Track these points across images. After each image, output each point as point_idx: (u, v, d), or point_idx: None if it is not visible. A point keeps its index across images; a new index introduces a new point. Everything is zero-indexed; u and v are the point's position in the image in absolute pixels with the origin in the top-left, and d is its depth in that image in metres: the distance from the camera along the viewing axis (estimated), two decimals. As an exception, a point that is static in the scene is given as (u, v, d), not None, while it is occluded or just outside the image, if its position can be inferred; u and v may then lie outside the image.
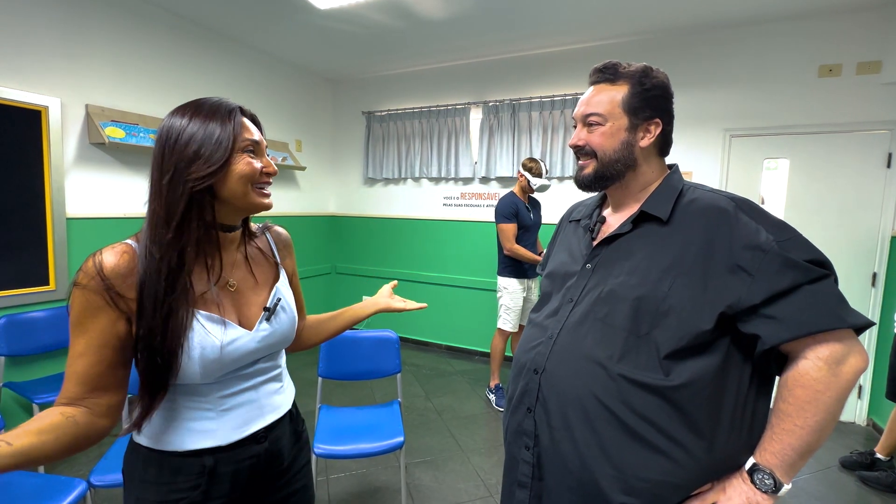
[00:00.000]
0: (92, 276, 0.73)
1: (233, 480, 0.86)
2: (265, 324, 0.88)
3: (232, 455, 0.85)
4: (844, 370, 0.70)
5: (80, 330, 0.74)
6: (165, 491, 0.82)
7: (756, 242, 0.74)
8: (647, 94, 0.87)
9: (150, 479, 0.82)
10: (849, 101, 2.90)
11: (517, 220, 3.09)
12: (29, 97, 2.43)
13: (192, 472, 0.82)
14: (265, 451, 0.90)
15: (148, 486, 0.82)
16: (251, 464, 0.88)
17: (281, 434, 0.94)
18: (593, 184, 0.91)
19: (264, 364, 0.92)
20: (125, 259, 0.76)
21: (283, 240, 1.04)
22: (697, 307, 0.75)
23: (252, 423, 0.88)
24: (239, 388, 0.87)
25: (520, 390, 0.91)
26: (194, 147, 0.77)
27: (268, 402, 0.92)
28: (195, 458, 0.83)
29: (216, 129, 0.79)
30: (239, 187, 0.81)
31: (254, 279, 0.92)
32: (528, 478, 0.87)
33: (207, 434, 0.83)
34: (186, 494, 0.82)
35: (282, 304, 0.92)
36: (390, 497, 2.19)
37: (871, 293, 2.93)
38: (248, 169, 0.81)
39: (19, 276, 2.47)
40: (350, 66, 4.29)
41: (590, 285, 0.87)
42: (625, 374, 0.77)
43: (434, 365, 3.98)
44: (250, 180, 0.82)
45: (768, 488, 0.72)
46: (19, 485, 1.56)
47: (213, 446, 0.83)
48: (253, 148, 0.83)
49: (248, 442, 0.87)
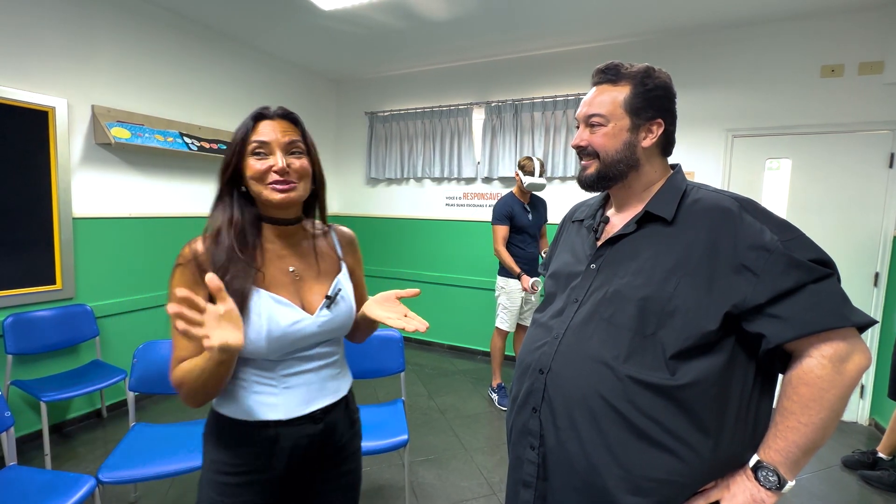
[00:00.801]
0: (189, 258, 0.90)
1: (290, 455, 0.95)
2: (325, 310, 0.97)
3: (292, 431, 0.94)
4: (848, 368, 0.71)
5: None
6: (233, 455, 0.93)
7: (761, 242, 0.75)
8: (649, 94, 0.87)
9: (224, 443, 0.94)
10: (851, 102, 2.90)
11: (512, 222, 3.09)
12: (36, 98, 2.45)
13: (257, 442, 0.93)
14: (321, 431, 0.98)
15: (221, 450, 0.94)
16: (307, 442, 0.96)
17: (336, 418, 1.02)
18: (596, 184, 0.92)
19: (324, 349, 1.00)
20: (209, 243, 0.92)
21: (345, 238, 1.13)
22: (703, 307, 0.75)
23: (310, 403, 0.97)
24: (300, 369, 0.96)
25: (525, 390, 0.91)
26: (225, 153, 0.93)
27: (325, 385, 1.00)
28: (260, 429, 0.92)
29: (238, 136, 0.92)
30: (253, 186, 0.92)
31: (318, 270, 1.01)
32: (534, 478, 0.88)
33: (271, 407, 0.93)
34: (251, 461, 0.93)
35: (342, 294, 1.01)
36: (394, 495, 2.21)
37: (873, 293, 2.94)
38: (251, 170, 0.91)
39: (26, 276, 2.49)
40: (353, 66, 4.30)
41: (595, 286, 0.88)
42: (631, 375, 0.77)
43: (437, 364, 3.99)
44: (257, 179, 0.90)
45: (772, 485, 0.73)
46: (28, 481, 1.58)
47: (275, 419, 0.93)
48: (262, 149, 0.90)
49: (306, 420, 0.96)
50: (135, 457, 1.72)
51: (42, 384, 2.41)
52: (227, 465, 0.93)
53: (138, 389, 1.95)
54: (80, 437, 2.66)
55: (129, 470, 1.64)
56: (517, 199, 3.16)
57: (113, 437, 2.65)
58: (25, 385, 2.37)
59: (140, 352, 1.99)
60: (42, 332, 2.51)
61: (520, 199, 3.17)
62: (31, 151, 2.47)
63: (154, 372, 2.00)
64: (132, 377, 1.95)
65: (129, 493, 2.11)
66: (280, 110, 0.95)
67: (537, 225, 3.20)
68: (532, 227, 3.16)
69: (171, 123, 3.12)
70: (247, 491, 0.93)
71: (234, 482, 0.93)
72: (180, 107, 3.24)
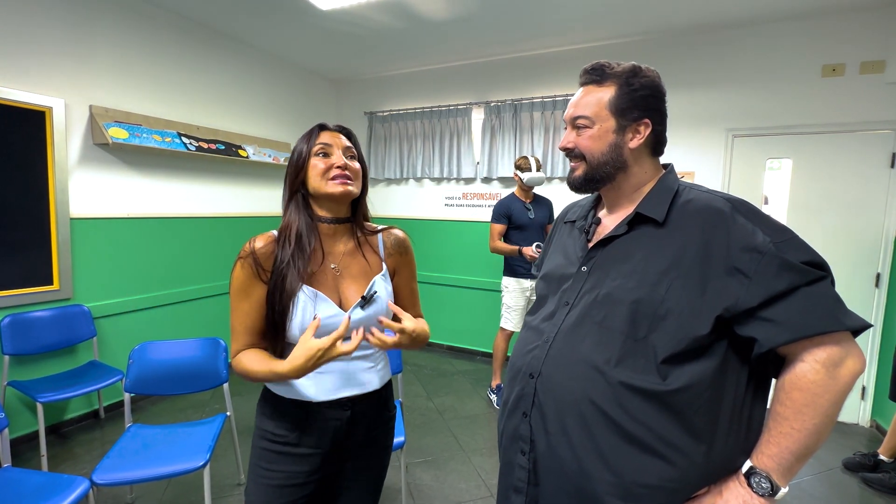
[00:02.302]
0: (249, 253, 1.02)
1: (319, 436, 1.05)
2: (359, 309, 1.04)
3: (321, 414, 1.04)
4: (842, 373, 0.70)
5: (244, 295, 1.02)
6: (274, 426, 1.05)
7: (753, 244, 0.73)
8: (634, 94, 0.85)
9: (268, 414, 1.07)
10: (852, 101, 2.88)
11: (511, 221, 3.14)
12: (33, 98, 2.45)
13: (291, 418, 1.05)
14: (348, 418, 1.06)
15: (266, 419, 1.07)
16: (336, 427, 1.06)
17: (366, 409, 1.10)
18: (583, 186, 0.91)
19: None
20: (268, 241, 1.04)
21: (393, 240, 1.18)
22: (695, 310, 0.74)
23: (340, 391, 1.05)
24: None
25: (515, 394, 0.90)
26: (292, 162, 1.06)
27: (355, 376, 1.07)
28: (296, 408, 1.04)
29: (302, 145, 1.06)
30: (316, 182, 1.04)
31: (358, 269, 1.10)
32: (524, 483, 0.87)
33: (305, 389, 1.03)
34: (286, 433, 1.05)
35: (377, 295, 1.07)
36: (391, 497, 2.19)
37: (874, 294, 2.92)
38: (320, 167, 1.03)
39: (23, 276, 2.49)
40: (352, 66, 4.29)
41: (586, 288, 0.86)
42: (622, 379, 0.76)
43: (435, 365, 3.98)
44: (321, 174, 1.03)
45: (765, 492, 0.72)
46: (22, 483, 1.58)
47: (306, 400, 1.03)
48: (325, 150, 1.04)
49: (335, 406, 1.05)
50: (130, 458, 1.71)
51: (39, 385, 2.41)
52: (268, 434, 1.05)
53: (134, 391, 1.95)
54: (77, 437, 2.66)
55: (124, 472, 1.64)
56: (517, 199, 3.20)
57: (110, 437, 2.65)
58: (22, 386, 2.37)
59: (136, 353, 1.99)
60: (39, 332, 2.51)
61: (521, 198, 3.20)
62: (29, 152, 2.46)
63: (150, 373, 2.00)
64: (128, 378, 1.95)
65: (126, 494, 2.10)
66: (337, 125, 1.09)
67: (540, 223, 3.21)
68: (534, 224, 3.17)
69: (170, 123, 3.11)
70: (283, 460, 1.04)
71: (274, 449, 1.04)
72: (178, 107, 3.23)
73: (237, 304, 1.02)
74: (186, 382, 2.04)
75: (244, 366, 1.00)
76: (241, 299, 1.02)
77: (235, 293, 1.02)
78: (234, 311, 1.03)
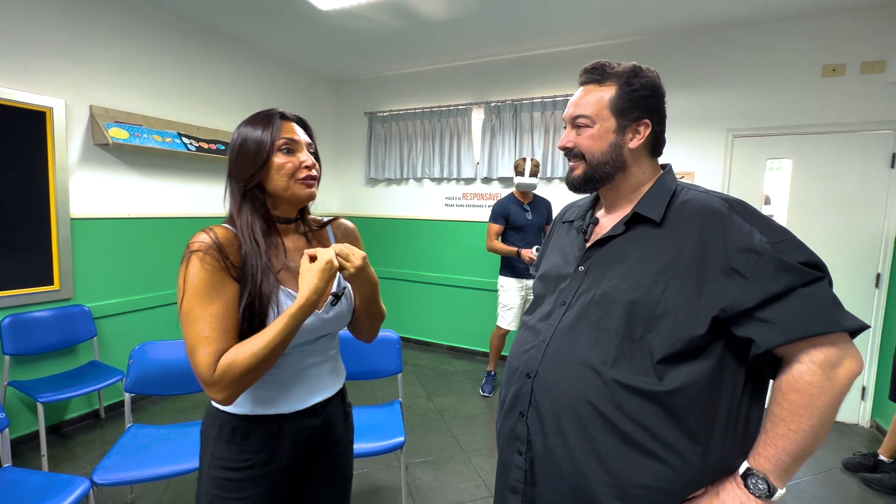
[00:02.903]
0: (210, 244, 0.86)
1: (293, 447, 0.98)
2: (328, 306, 0.99)
3: (294, 424, 0.98)
4: (839, 374, 0.70)
5: (214, 292, 0.85)
6: (237, 451, 0.94)
7: (750, 244, 0.73)
8: (635, 94, 0.85)
9: (225, 438, 0.95)
10: (852, 101, 2.88)
11: (508, 221, 3.19)
12: (33, 98, 2.45)
13: (260, 437, 0.95)
14: (320, 424, 1.02)
15: (222, 445, 0.95)
16: (309, 434, 1.00)
17: (333, 411, 1.07)
18: (583, 186, 0.91)
19: (324, 344, 1.04)
20: (230, 234, 0.91)
21: (342, 230, 1.13)
22: (692, 311, 0.74)
23: (311, 397, 1.00)
24: (301, 364, 0.99)
25: (512, 394, 0.90)
26: (244, 152, 0.92)
27: (324, 380, 1.04)
28: (263, 424, 0.95)
29: (259, 134, 0.92)
30: (281, 181, 0.93)
31: None
32: (521, 483, 0.87)
33: (273, 402, 0.95)
34: (254, 456, 0.94)
35: (347, 290, 1.03)
36: (391, 497, 2.20)
37: (874, 294, 2.91)
38: (287, 166, 0.93)
39: (24, 276, 2.49)
40: (352, 66, 4.30)
41: (583, 288, 0.86)
42: (618, 380, 0.76)
43: (435, 365, 3.98)
44: (288, 174, 0.93)
45: (762, 493, 0.72)
46: (22, 483, 1.58)
47: (277, 413, 0.96)
48: (290, 146, 0.94)
49: (308, 414, 1.00)
50: (130, 458, 1.72)
51: (39, 385, 2.41)
52: (229, 461, 0.94)
53: (134, 391, 1.95)
54: (77, 437, 2.66)
55: (124, 472, 1.64)
56: (515, 199, 3.24)
57: (111, 437, 2.65)
58: (23, 386, 2.38)
59: (136, 353, 1.99)
60: (40, 332, 2.51)
61: (519, 199, 3.25)
62: (29, 152, 2.47)
63: (150, 373, 1.99)
64: (128, 378, 1.95)
65: (126, 494, 2.11)
66: (296, 116, 1.00)
67: (538, 224, 3.24)
68: (531, 226, 3.22)
69: (170, 124, 3.12)
70: (249, 485, 0.94)
71: (236, 477, 0.94)
72: (178, 107, 3.24)
73: (205, 307, 0.84)
74: (187, 382, 2.04)
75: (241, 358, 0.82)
76: (210, 300, 0.84)
77: (200, 294, 0.84)
78: (201, 317, 0.83)
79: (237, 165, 0.93)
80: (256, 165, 0.91)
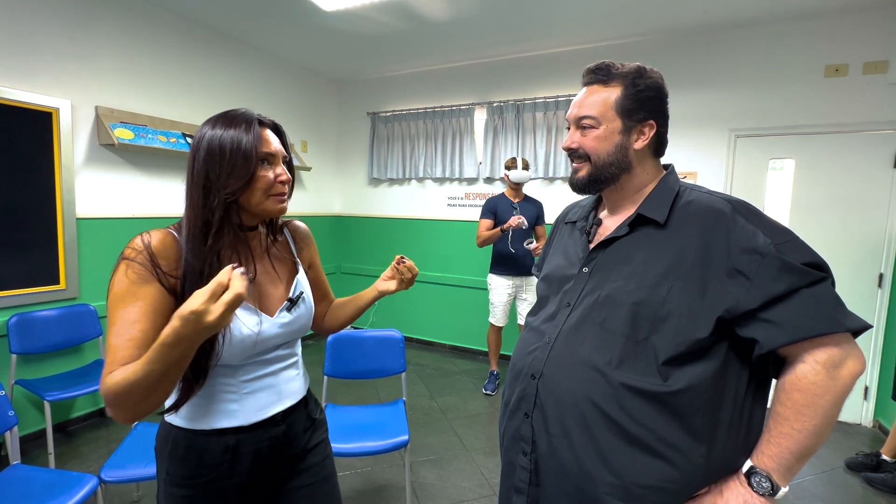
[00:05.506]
0: (140, 250, 0.81)
1: (254, 459, 0.93)
2: (285, 313, 0.96)
3: (253, 436, 0.93)
4: (842, 374, 0.70)
5: (132, 299, 0.78)
6: (193, 466, 0.89)
7: (753, 246, 0.74)
8: (640, 95, 0.85)
9: (180, 455, 0.90)
10: (855, 101, 2.88)
11: (496, 217, 3.28)
12: (40, 99, 2.47)
13: (218, 451, 0.90)
14: (282, 433, 0.97)
15: (177, 462, 0.90)
16: (270, 444, 0.95)
17: (297, 419, 1.01)
18: (587, 187, 0.91)
19: (283, 351, 0.99)
20: (170, 240, 0.84)
21: (300, 233, 1.12)
22: (696, 312, 0.75)
23: (271, 407, 0.96)
24: (260, 374, 0.95)
25: (517, 395, 0.90)
26: (224, 161, 0.84)
27: (285, 387, 0.99)
28: (220, 437, 0.90)
29: (241, 143, 0.84)
30: (255, 196, 0.88)
31: (274, 272, 0.99)
32: (526, 484, 0.87)
33: (231, 415, 0.91)
34: (212, 471, 0.90)
35: (304, 296, 1.00)
36: (395, 495, 2.21)
37: (877, 294, 2.91)
38: (265, 180, 0.88)
39: (30, 276, 2.51)
40: (355, 67, 4.31)
41: (587, 289, 0.87)
42: (623, 381, 0.77)
43: (438, 364, 3.99)
44: (263, 189, 0.88)
45: (765, 491, 0.72)
46: (31, 480, 1.60)
47: (235, 426, 0.91)
48: (268, 159, 0.89)
49: (268, 424, 0.95)
50: (137, 456, 1.73)
51: (46, 383, 2.43)
52: (185, 479, 0.89)
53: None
54: (83, 435, 2.68)
55: (132, 469, 1.65)
56: (505, 198, 3.35)
57: (116, 436, 2.67)
58: (29, 384, 2.40)
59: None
60: (46, 331, 2.53)
61: (509, 197, 3.34)
62: (36, 152, 2.49)
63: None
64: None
65: (132, 492, 2.12)
66: (272, 121, 0.95)
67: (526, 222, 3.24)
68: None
69: (175, 124, 3.13)
70: (209, 502, 0.90)
71: (195, 494, 0.89)
72: (183, 108, 3.25)
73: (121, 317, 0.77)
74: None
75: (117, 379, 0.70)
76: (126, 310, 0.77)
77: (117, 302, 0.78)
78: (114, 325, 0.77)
79: (219, 175, 0.83)
80: (243, 179, 0.84)
